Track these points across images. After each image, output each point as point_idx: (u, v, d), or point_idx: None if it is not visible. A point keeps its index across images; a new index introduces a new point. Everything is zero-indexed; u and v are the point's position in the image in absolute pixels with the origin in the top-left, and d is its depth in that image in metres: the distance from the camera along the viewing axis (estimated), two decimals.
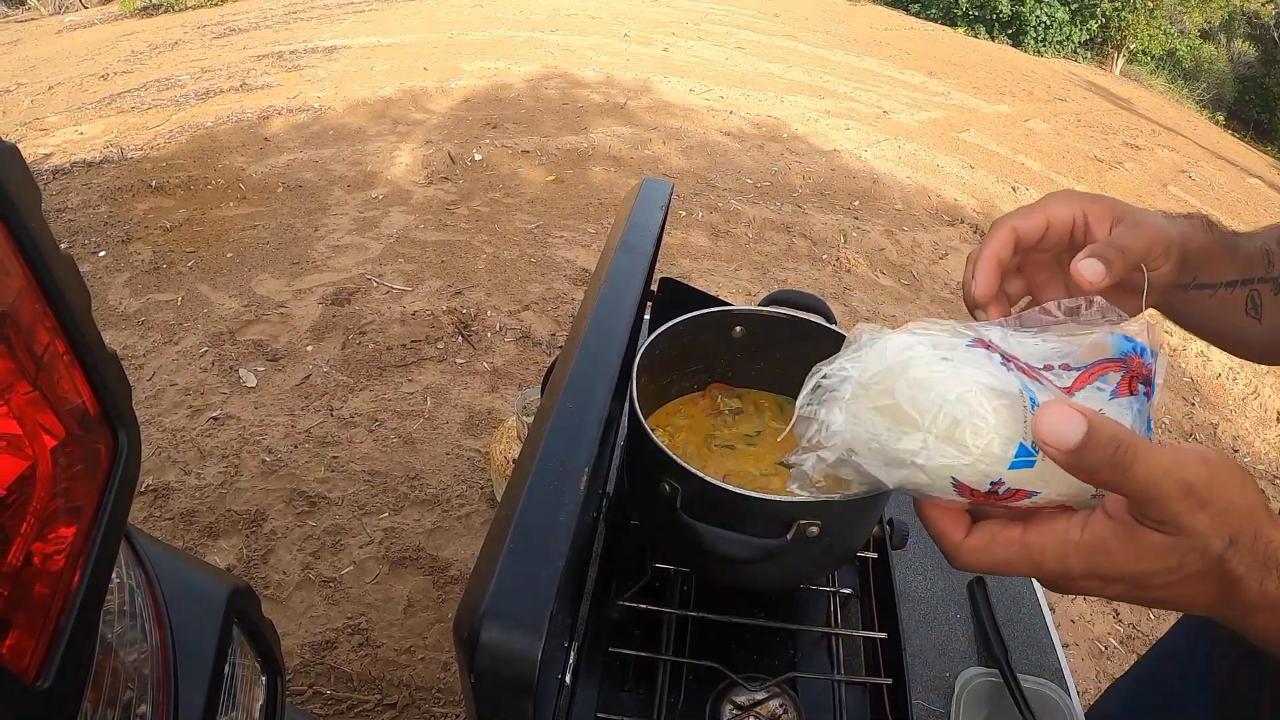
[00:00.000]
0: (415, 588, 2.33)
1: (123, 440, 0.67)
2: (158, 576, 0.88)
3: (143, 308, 3.49)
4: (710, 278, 4.08)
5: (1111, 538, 0.49)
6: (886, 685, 0.94)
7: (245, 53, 7.43)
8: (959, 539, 0.53)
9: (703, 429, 1.09)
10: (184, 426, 2.86)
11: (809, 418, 0.54)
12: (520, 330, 3.49)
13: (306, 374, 3.14)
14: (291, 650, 2.13)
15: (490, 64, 7.09)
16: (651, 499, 0.87)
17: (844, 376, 0.53)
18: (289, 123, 5.55)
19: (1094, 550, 0.49)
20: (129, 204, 4.33)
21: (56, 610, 0.57)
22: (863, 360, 0.53)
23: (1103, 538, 0.49)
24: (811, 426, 0.54)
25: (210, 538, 2.44)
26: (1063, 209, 0.68)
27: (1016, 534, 0.51)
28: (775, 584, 1.03)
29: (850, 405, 0.52)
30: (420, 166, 4.97)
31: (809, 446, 0.54)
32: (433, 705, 2.06)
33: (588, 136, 5.58)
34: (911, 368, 0.51)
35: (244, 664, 0.97)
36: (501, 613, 0.47)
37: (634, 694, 0.96)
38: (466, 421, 2.96)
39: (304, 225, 4.24)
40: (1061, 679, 1.05)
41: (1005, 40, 15.11)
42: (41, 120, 5.61)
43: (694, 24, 10.19)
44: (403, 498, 2.62)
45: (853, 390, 0.52)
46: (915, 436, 0.50)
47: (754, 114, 6.49)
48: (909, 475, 0.51)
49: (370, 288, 3.71)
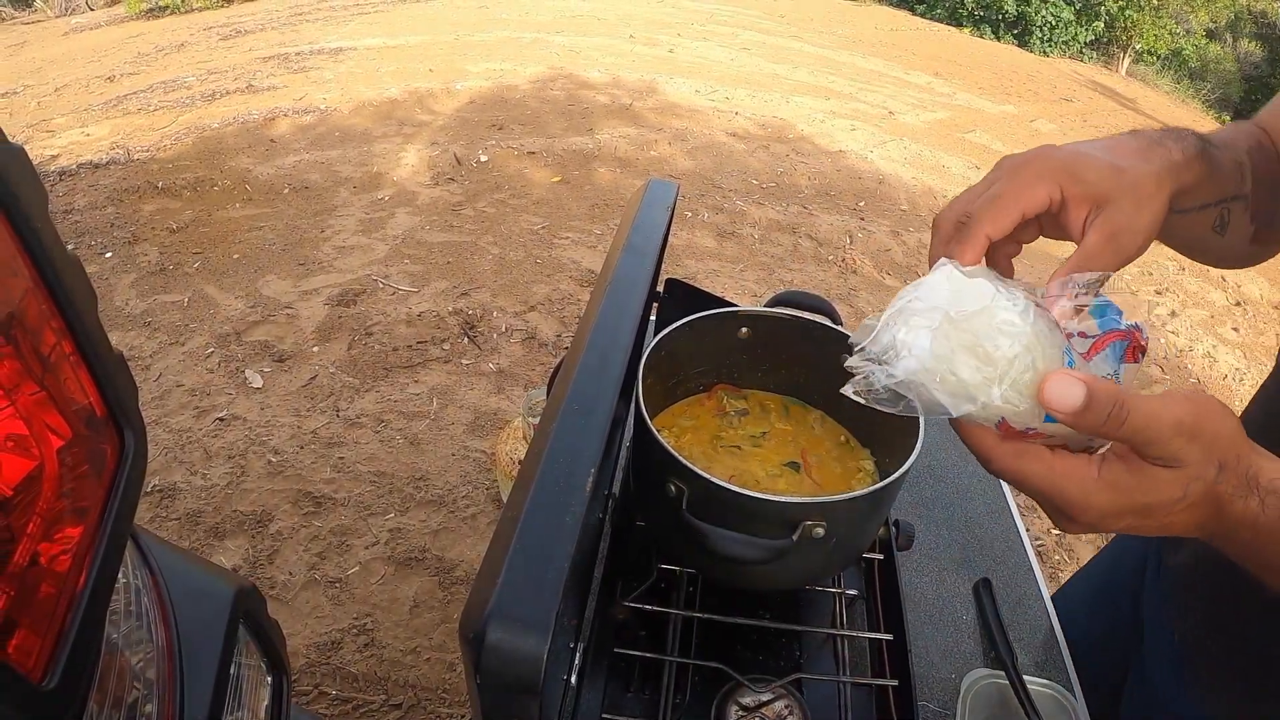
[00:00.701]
0: (421, 588, 2.34)
1: (129, 441, 0.67)
2: (164, 577, 0.88)
3: (149, 309, 3.50)
4: (716, 279, 4.08)
5: (1126, 475, 0.54)
6: (892, 687, 0.94)
7: (251, 54, 7.45)
8: (992, 444, 0.56)
9: (709, 430, 1.09)
10: (190, 427, 2.86)
11: (884, 331, 0.56)
12: (526, 331, 3.49)
13: (313, 375, 3.15)
14: (297, 650, 2.14)
15: (496, 65, 7.10)
16: (657, 500, 0.87)
17: (934, 305, 0.55)
18: (295, 124, 5.56)
19: (1112, 487, 0.54)
20: (135, 205, 4.35)
21: (62, 610, 0.57)
22: (955, 295, 0.56)
23: (1118, 475, 0.54)
24: (884, 339, 0.56)
25: (216, 538, 2.45)
26: (1036, 196, 0.63)
27: (1046, 457, 0.55)
28: (781, 585, 1.03)
29: (938, 334, 0.54)
30: (426, 168, 4.98)
31: (876, 359, 0.56)
32: (438, 706, 2.06)
33: (593, 137, 5.59)
34: (998, 314, 0.54)
35: (250, 664, 0.97)
36: (507, 613, 0.47)
37: (639, 695, 0.96)
38: (472, 422, 2.96)
39: (310, 226, 4.25)
40: (1068, 681, 1.05)
41: (1011, 40, 15.09)
42: (48, 122, 5.63)
43: (699, 25, 10.20)
44: (408, 498, 2.62)
45: (941, 321, 0.54)
46: (990, 377, 0.53)
47: (759, 115, 6.49)
48: (968, 408, 0.54)
49: (376, 289, 3.72)
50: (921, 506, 1.30)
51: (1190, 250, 0.89)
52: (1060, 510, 0.56)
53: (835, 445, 1.09)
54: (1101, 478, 0.54)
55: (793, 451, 1.06)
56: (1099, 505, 0.54)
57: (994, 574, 1.18)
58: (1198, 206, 0.76)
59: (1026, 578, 1.20)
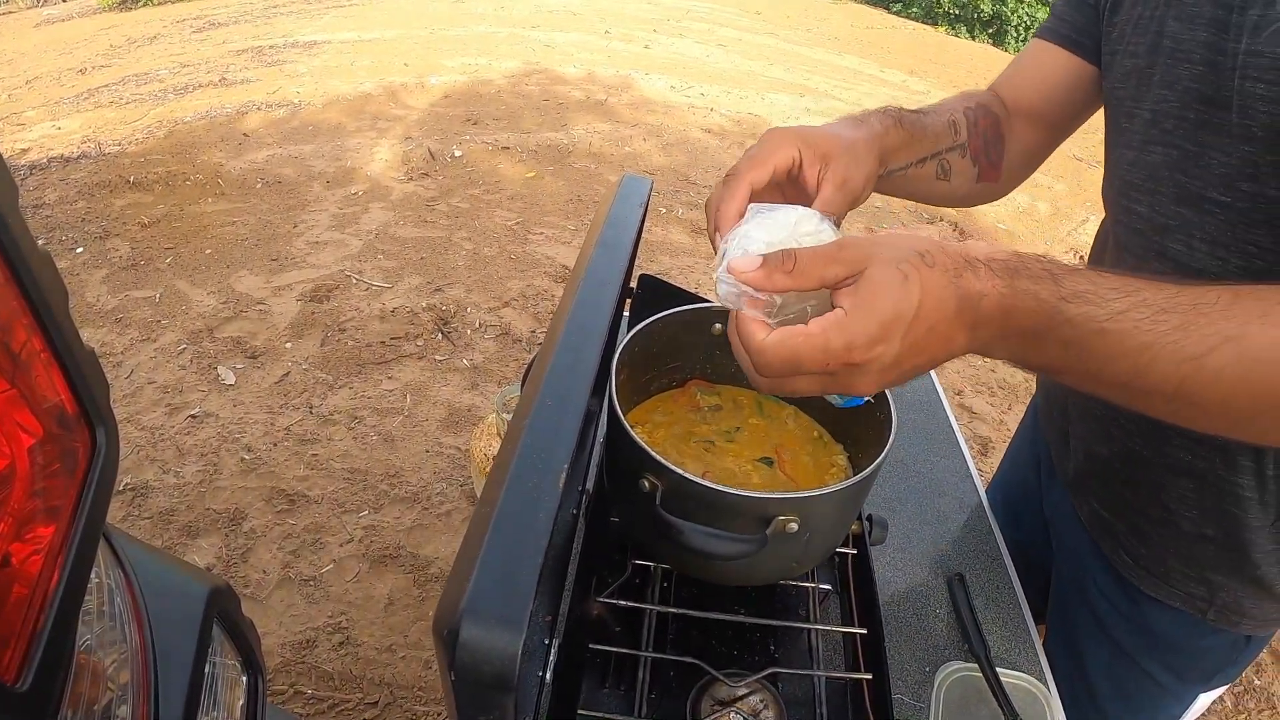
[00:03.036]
0: (396, 586, 2.33)
1: (101, 439, 0.67)
2: (137, 576, 0.87)
3: (121, 305, 3.47)
4: (690, 275, 4.08)
5: (853, 294, 0.62)
6: (867, 680, 0.95)
7: (224, 47, 7.38)
8: (761, 338, 0.64)
9: (682, 425, 1.09)
10: (162, 425, 2.84)
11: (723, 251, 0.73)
12: (500, 327, 3.49)
13: (285, 371, 3.13)
14: (272, 649, 2.13)
15: (471, 60, 7.07)
16: (631, 496, 0.87)
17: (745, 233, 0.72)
18: (268, 118, 5.51)
19: (856, 310, 0.61)
20: (107, 200, 4.30)
21: (35, 611, 0.56)
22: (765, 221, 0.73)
23: (849, 299, 0.62)
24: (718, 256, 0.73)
25: (189, 537, 2.43)
26: (783, 154, 0.82)
27: (801, 329, 0.63)
28: (755, 580, 1.04)
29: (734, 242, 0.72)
30: (400, 162, 4.96)
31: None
32: (414, 703, 2.06)
33: (568, 133, 5.58)
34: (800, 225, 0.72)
35: (225, 664, 0.97)
36: (482, 610, 0.47)
37: (615, 690, 0.97)
38: (446, 419, 2.96)
39: (283, 221, 4.22)
40: (1041, 673, 1.06)
41: (986, 39, 15.18)
42: (18, 115, 5.56)
43: (676, 21, 10.20)
44: (383, 495, 2.61)
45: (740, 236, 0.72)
46: None
47: (735, 111, 6.50)
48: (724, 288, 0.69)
49: (349, 284, 3.70)
50: (895, 501, 1.31)
51: (927, 198, 1.11)
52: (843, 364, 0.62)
53: (808, 441, 1.10)
54: (842, 311, 0.62)
55: (766, 447, 1.06)
56: (863, 332, 0.60)
57: (967, 568, 1.20)
58: (913, 163, 1.01)
59: (999, 572, 1.21)
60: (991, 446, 3.22)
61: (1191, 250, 0.86)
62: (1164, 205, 0.88)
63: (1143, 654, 1.10)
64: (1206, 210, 0.83)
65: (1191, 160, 0.84)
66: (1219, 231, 0.83)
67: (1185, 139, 0.85)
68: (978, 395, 3.52)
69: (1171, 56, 0.85)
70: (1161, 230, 0.89)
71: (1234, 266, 0.82)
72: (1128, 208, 0.95)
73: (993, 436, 3.27)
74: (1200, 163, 0.83)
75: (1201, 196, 0.84)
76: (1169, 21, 0.86)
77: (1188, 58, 0.83)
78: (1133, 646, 1.10)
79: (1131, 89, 0.92)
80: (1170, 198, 0.87)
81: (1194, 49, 0.82)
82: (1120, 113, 0.96)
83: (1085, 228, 5.04)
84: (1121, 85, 0.94)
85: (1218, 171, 0.81)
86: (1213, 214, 0.83)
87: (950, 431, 1.47)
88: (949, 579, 1.17)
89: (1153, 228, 0.90)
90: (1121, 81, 0.94)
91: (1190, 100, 0.83)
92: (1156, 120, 0.88)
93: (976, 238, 4.78)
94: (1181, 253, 0.87)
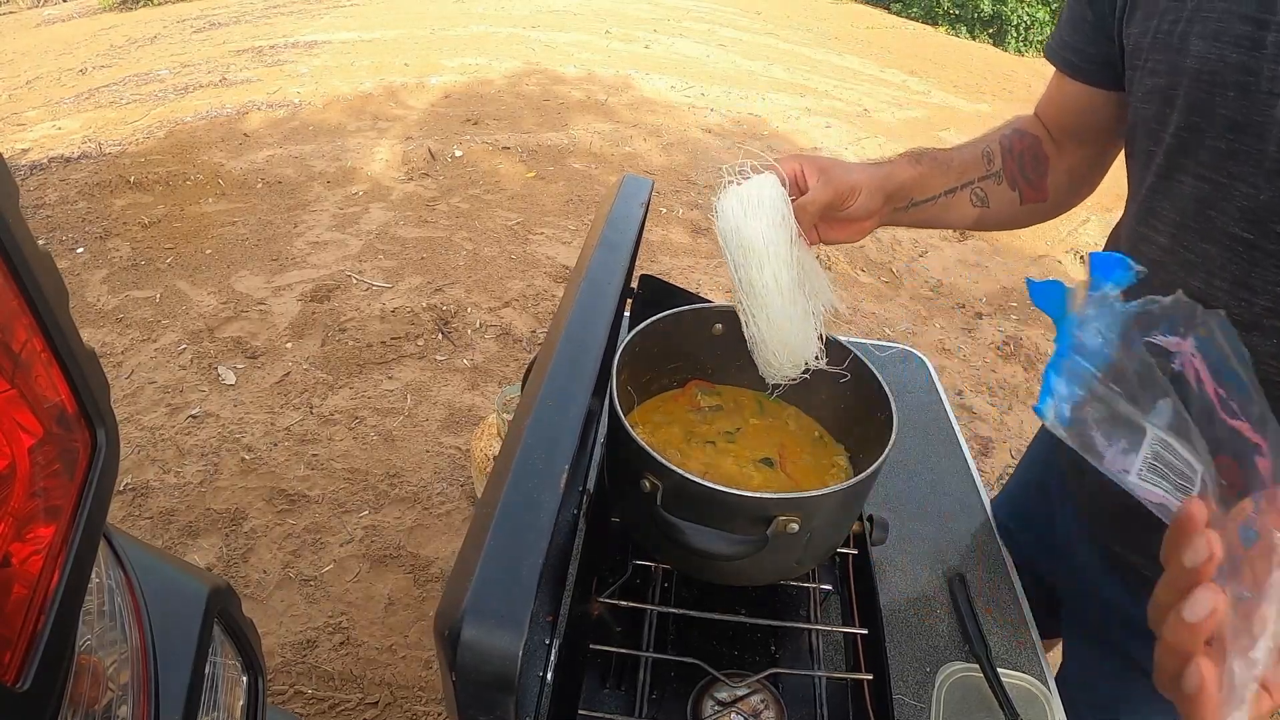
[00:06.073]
0: (396, 586, 2.33)
1: (101, 439, 0.67)
2: (137, 576, 0.87)
3: (121, 305, 3.47)
4: (690, 275, 4.08)
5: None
6: (867, 681, 0.95)
7: (225, 47, 7.37)
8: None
9: (683, 425, 1.09)
10: (163, 425, 2.84)
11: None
12: (500, 327, 3.48)
13: (286, 371, 3.13)
14: (272, 650, 2.13)
15: (471, 60, 7.07)
16: (632, 496, 0.87)
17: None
18: (268, 118, 5.51)
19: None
20: (107, 200, 4.30)
21: (35, 611, 0.56)
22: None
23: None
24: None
25: (190, 537, 2.43)
26: (790, 169, 0.97)
27: None
28: (756, 580, 1.04)
29: None
30: (400, 163, 4.95)
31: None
32: (414, 704, 2.06)
33: (568, 133, 5.57)
34: None
35: (225, 664, 0.97)
36: (483, 610, 0.47)
37: (615, 690, 0.97)
38: (447, 419, 2.96)
39: (283, 222, 4.22)
40: (1041, 674, 1.06)
41: (986, 39, 15.15)
42: (19, 115, 5.56)
43: (675, 21, 10.19)
44: (383, 495, 2.61)
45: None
46: None
47: (735, 111, 6.49)
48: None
49: (350, 284, 3.70)
50: (895, 501, 1.31)
51: (975, 225, 1.16)
52: None
53: (809, 441, 1.10)
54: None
55: (767, 447, 1.06)
56: None
57: (967, 568, 1.19)
58: (941, 193, 1.10)
59: (1000, 572, 1.21)
60: (991, 446, 3.21)
61: (1212, 289, 0.81)
62: (1187, 238, 0.83)
63: None
64: (1231, 248, 0.78)
65: (1221, 193, 0.79)
66: (1243, 272, 0.78)
67: (1213, 169, 0.79)
68: (978, 395, 3.51)
69: (1196, 78, 0.79)
70: (1183, 265, 0.84)
71: (1260, 309, 0.78)
72: (1145, 235, 0.90)
73: (993, 436, 3.27)
74: (1227, 195, 0.78)
75: (1226, 233, 0.78)
76: (1192, 39, 0.79)
77: (1214, 79, 0.77)
78: (1146, 659, 1.09)
79: (1155, 109, 0.86)
80: (1195, 232, 0.82)
81: (1222, 70, 0.76)
82: (1143, 133, 0.90)
83: (1086, 228, 5.02)
84: (1145, 104, 0.88)
85: (1245, 205, 0.76)
86: (1238, 253, 0.78)
87: (950, 431, 1.47)
88: (949, 579, 1.17)
89: (1174, 260, 0.85)
90: (1144, 100, 0.88)
91: (1219, 128, 0.77)
92: (1181, 146, 0.83)
93: (991, 246, 4.76)
94: (1200, 290, 0.82)
